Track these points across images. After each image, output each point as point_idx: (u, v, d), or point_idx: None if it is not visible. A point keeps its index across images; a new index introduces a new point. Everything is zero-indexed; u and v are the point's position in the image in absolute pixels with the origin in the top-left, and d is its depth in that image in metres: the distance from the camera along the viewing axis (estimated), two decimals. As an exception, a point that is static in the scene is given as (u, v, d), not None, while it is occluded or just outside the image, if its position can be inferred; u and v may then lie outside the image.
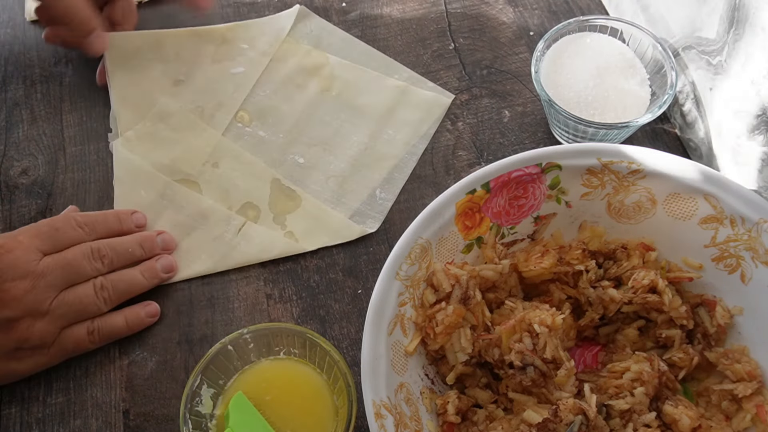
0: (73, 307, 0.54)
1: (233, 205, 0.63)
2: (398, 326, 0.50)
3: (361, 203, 0.64)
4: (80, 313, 0.55)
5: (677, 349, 0.52)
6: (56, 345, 0.54)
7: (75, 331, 0.55)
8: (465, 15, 0.74)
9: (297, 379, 0.53)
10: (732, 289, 0.52)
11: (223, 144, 0.66)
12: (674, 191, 0.53)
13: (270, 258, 0.61)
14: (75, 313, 0.55)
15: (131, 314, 0.57)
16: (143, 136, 0.66)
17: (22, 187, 0.65)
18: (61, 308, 0.54)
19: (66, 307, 0.54)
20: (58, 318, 0.54)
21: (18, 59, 0.72)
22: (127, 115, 0.67)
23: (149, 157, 0.65)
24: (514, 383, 0.50)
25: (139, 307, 0.58)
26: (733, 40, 0.55)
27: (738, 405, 0.50)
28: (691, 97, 0.63)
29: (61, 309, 0.54)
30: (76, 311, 0.55)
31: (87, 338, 0.55)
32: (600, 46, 0.63)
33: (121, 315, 0.57)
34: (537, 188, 0.54)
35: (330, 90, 0.69)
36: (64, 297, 0.54)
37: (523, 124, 0.67)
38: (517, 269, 0.55)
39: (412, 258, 0.51)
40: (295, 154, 0.66)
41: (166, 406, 0.55)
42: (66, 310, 0.54)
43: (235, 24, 0.72)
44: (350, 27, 0.73)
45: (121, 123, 0.66)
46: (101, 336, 0.56)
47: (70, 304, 0.54)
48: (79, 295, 0.55)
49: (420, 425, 0.48)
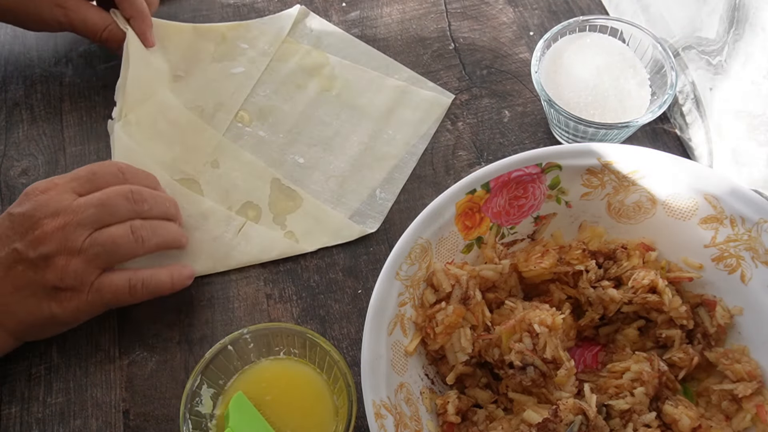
0: (105, 246, 0.53)
1: (233, 205, 0.63)
2: (398, 326, 0.50)
3: (361, 203, 0.64)
4: (113, 253, 0.54)
5: (677, 349, 0.52)
6: (94, 290, 0.53)
7: (114, 278, 0.54)
8: (465, 15, 0.74)
9: (297, 379, 0.53)
10: (732, 289, 0.52)
11: (223, 144, 0.66)
12: (674, 191, 0.53)
13: (270, 259, 0.61)
14: (108, 254, 0.53)
15: (176, 271, 0.56)
16: (143, 123, 0.66)
17: (22, 187, 0.65)
18: (93, 248, 0.53)
19: (98, 247, 0.53)
20: (93, 258, 0.53)
21: (18, 59, 0.72)
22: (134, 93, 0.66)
23: (150, 151, 0.65)
24: (514, 383, 0.50)
25: (179, 266, 0.57)
26: (733, 40, 0.55)
27: (738, 405, 0.50)
28: (691, 97, 0.63)
29: (94, 248, 0.53)
30: (109, 251, 0.53)
31: (127, 290, 0.54)
32: (600, 46, 0.63)
33: (167, 270, 0.56)
34: (537, 188, 0.54)
35: (330, 90, 0.69)
36: (97, 236, 0.53)
37: (523, 124, 0.67)
38: (517, 269, 0.55)
39: (412, 258, 0.51)
40: (295, 154, 0.66)
41: (166, 406, 0.55)
42: (99, 250, 0.53)
43: (235, 23, 0.72)
44: (350, 27, 0.73)
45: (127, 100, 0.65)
46: (145, 289, 0.55)
47: (102, 243, 0.53)
48: (112, 234, 0.54)
49: (420, 425, 0.48)
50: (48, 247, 0.52)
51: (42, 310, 0.53)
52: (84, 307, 0.54)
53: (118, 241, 0.54)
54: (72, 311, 0.53)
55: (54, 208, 0.53)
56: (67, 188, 0.54)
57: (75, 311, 0.54)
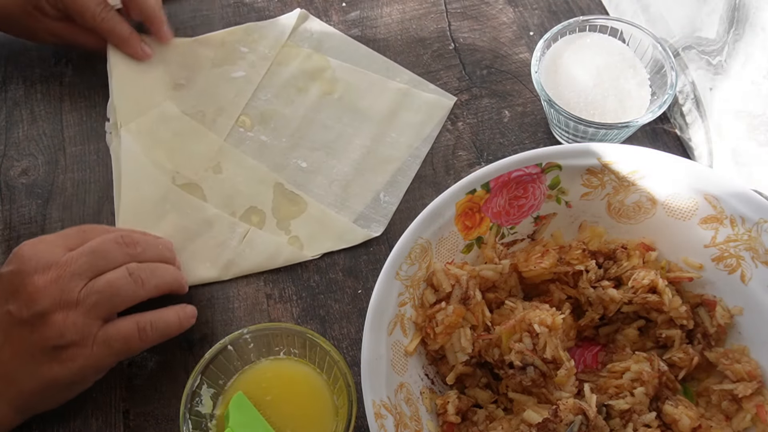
0: (104, 293, 0.50)
1: (237, 211, 0.63)
2: (398, 326, 0.50)
3: (365, 207, 0.63)
4: (113, 298, 0.50)
5: (677, 349, 0.52)
6: (100, 342, 0.50)
7: (120, 325, 0.51)
8: (465, 15, 0.74)
9: (297, 379, 0.53)
10: (732, 289, 0.52)
11: (225, 149, 0.66)
12: (674, 191, 0.53)
13: (275, 266, 0.61)
14: (108, 300, 0.50)
15: (181, 310, 0.54)
16: (144, 132, 0.66)
17: (22, 187, 0.65)
18: (91, 297, 0.50)
19: (97, 295, 0.50)
20: (92, 308, 0.49)
21: (18, 59, 0.72)
22: (127, 107, 0.66)
23: (152, 156, 0.65)
24: (514, 383, 0.50)
25: (182, 306, 0.55)
26: (733, 40, 0.55)
27: (738, 405, 0.50)
28: (691, 97, 0.63)
29: (92, 297, 0.50)
30: (109, 296, 0.50)
31: (137, 335, 0.51)
32: (600, 46, 0.63)
33: (173, 310, 0.54)
34: (537, 188, 0.54)
35: (331, 93, 0.69)
36: (93, 285, 0.50)
37: (523, 124, 0.67)
38: (517, 269, 0.55)
39: (412, 258, 0.51)
40: (297, 158, 0.66)
41: (166, 406, 0.55)
42: (97, 298, 0.50)
43: (234, 28, 0.72)
44: (350, 27, 0.73)
45: (120, 114, 0.66)
46: (155, 331, 0.52)
47: (100, 290, 0.50)
48: (109, 279, 0.51)
49: (420, 425, 0.48)
50: (42, 304, 0.48)
51: (43, 374, 0.49)
52: (91, 362, 0.50)
53: (117, 284, 0.51)
54: (78, 369, 0.50)
55: (44, 262, 0.50)
56: (56, 243, 0.52)
57: (81, 369, 0.50)
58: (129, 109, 0.66)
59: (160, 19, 0.68)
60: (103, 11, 0.66)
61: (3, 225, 0.63)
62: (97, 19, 0.65)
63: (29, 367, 0.49)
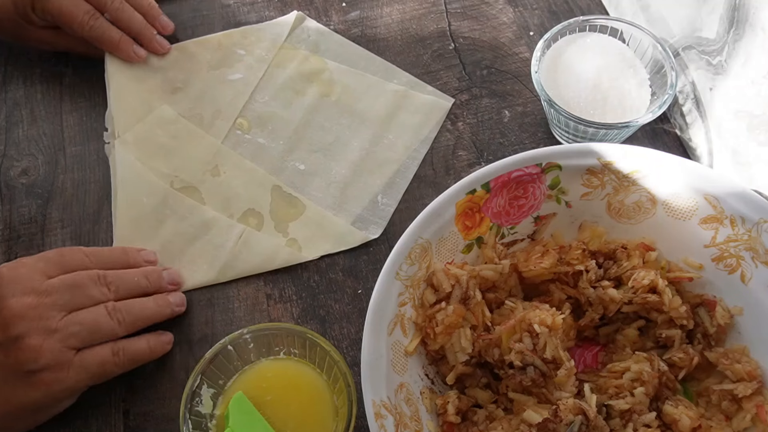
0: (86, 325, 0.51)
1: (234, 213, 0.63)
2: (398, 326, 0.50)
3: (363, 209, 0.63)
4: (94, 332, 0.52)
5: (677, 349, 0.52)
6: (76, 366, 0.51)
7: (97, 349, 0.52)
8: (465, 15, 0.74)
9: (297, 379, 0.53)
10: (732, 289, 0.52)
11: (222, 151, 0.66)
12: (674, 191, 0.53)
13: (273, 268, 0.61)
14: (89, 332, 0.51)
15: (152, 338, 0.55)
16: (141, 140, 0.66)
17: (22, 187, 0.65)
18: (72, 326, 0.50)
19: (78, 326, 0.51)
20: (70, 336, 0.50)
21: (18, 59, 0.72)
22: (124, 116, 0.66)
23: (149, 164, 0.65)
24: (514, 383, 0.50)
25: (156, 333, 0.56)
26: (733, 40, 0.55)
27: (738, 405, 0.50)
28: (691, 97, 0.63)
29: (73, 327, 0.51)
30: (90, 330, 0.51)
31: (112, 359, 0.52)
32: (600, 46, 0.63)
33: (144, 339, 0.55)
34: (537, 188, 0.54)
35: (329, 95, 0.69)
36: (75, 316, 0.51)
37: (523, 124, 0.67)
38: (517, 269, 0.55)
39: (412, 258, 0.51)
40: (295, 160, 0.66)
41: (166, 406, 0.55)
42: (79, 328, 0.51)
43: (231, 30, 0.72)
44: (350, 27, 0.73)
45: (118, 124, 0.66)
46: (125, 355, 0.53)
47: (82, 322, 0.51)
48: (92, 314, 0.52)
49: (420, 425, 0.48)
50: (18, 328, 0.49)
51: (17, 397, 0.49)
52: (66, 386, 0.51)
53: (99, 320, 0.52)
54: (54, 393, 0.50)
55: (22, 287, 0.50)
56: (35, 268, 0.52)
57: (55, 393, 0.50)
58: (126, 119, 0.66)
59: (150, 34, 0.69)
60: (91, 19, 0.66)
61: (3, 225, 0.63)
62: (85, 27, 0.66)
63: (2, 390, 0.49)
